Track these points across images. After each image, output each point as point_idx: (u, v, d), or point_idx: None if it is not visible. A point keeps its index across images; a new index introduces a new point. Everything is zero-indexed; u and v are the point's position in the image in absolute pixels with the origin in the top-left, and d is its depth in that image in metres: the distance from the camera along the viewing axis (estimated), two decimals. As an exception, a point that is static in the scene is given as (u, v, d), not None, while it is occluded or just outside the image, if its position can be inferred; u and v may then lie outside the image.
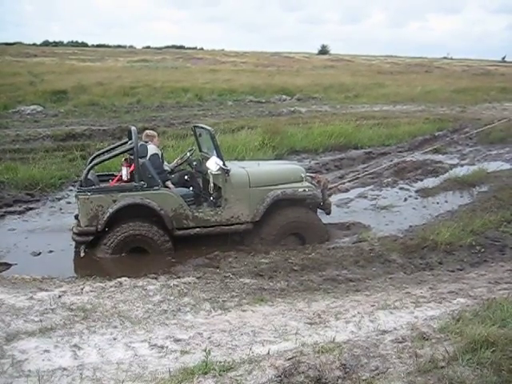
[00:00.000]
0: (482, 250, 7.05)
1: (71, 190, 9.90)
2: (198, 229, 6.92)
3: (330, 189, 8.87)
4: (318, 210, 7.79)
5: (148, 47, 70.98)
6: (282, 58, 59.25)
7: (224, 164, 6.91)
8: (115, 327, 4.33)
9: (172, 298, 5.03)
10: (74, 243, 7.06)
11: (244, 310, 4.83)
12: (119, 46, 74.31)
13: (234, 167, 7.21)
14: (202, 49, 76.80)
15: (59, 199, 9.51)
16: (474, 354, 3.56)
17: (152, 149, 7.09)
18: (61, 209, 8.97)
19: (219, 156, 6.93)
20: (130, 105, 19.67)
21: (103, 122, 16.17)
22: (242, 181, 7.08)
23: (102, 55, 49.04)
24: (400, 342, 3.87)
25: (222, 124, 15.37)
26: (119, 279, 5.45)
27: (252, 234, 7.25)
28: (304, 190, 7.29)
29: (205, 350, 3.76)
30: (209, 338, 4.20)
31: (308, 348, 3.77)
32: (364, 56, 73.24)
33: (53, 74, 26.46)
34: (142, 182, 6.63)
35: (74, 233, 6.67)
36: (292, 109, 20.78)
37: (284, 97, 24.61)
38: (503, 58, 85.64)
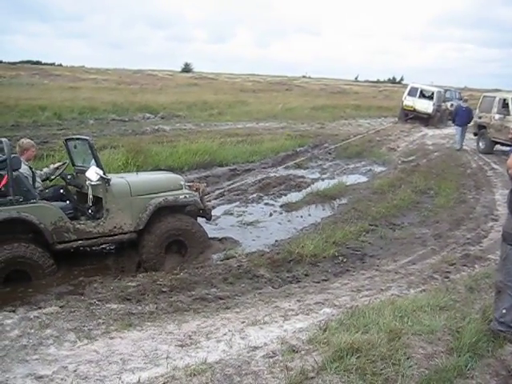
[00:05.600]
0: (344, 259, 7.37)
1: None
2: (80, 241, 6.67)
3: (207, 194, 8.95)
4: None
5: (0, 62, 66.57)
6: (145, 75, 58.70)
7: (104, 173, 6.74)
8: (-35, 370, 3.94)
9: (32, 331, 4.67)
10: None
11: (112, 338, 4.61)
12: (-36, 61, 68.57)
13: (114, 177, 7.08)
14: (60, 65, 73.74)
15: None
16: (341, 361, 3.69)
17: (23, 168, 6.64)
18: None
19: (99, 165, 6.75)
20: (-21, 124, 18.29)
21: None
22: (123, 190, 6.96)
23: None
24: (271, 357, 3.91)
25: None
26: (-30, 315, 5.01)
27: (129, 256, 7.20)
28: (185, 197, 7.38)
29: (70, 385, 3.56)
30: (75, 370, 3.94)
31: (180, 372, 3.70)
32: (227, 74, 74.55)
33: None
34: (18, 196, 6.19)
35: None
36: (156, 127, 20.51)
37: (148, 115, 24.23)
38: (356, 78, 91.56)
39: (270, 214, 10.14)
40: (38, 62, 72.64)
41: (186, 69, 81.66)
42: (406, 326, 4.29)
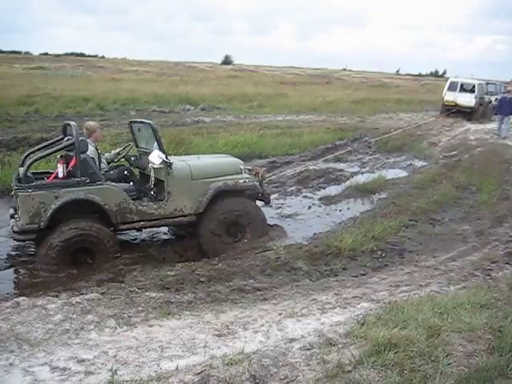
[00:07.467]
0: (383, 254, 7.31)
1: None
2: (142, 222, 6.91)
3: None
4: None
5: (46, 54, 67.85)
6: (186, 67, 59.07)
7: (167, 157, 6.91)
8: (12, 351, 4.06)
9: (74, 316, 4.81)
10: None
11: (151, 325, 4.71)
12: (14, 52, 70.20)
13: (176, 160, 7.24)
14: (103, 57, 75.00)
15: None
16: (379, 356, 3.67)
17: (90, 150, 6.83)
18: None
19: (161, 149, 6.93)
20: (26, 114, 18.63)
21: (-3, 132, 15.25)
22: (184, 173, 7.14)
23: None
24: (308, 349, 3.92)
25: (126, 134, 14.96)
26: (16, 299, 5.15)
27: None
28: (244, 182, 7.53)
29: (110, 370, 3.63)
30: (114, 356, 4.05)
31: (217, 361, 3.74)
32: (267, 66, 74.36)
33: None
34: (84, 178, 6.44)
35: (15, 231, 6.33)
36: (196, 119, 20.67)
37: (188, 107, 24.41)
38: (397, 71, 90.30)
39: (309, 207, 10.11)
40: (81, 54, 74.07)
41: (227, 61, 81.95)
42: (445, 322, 4.24)
